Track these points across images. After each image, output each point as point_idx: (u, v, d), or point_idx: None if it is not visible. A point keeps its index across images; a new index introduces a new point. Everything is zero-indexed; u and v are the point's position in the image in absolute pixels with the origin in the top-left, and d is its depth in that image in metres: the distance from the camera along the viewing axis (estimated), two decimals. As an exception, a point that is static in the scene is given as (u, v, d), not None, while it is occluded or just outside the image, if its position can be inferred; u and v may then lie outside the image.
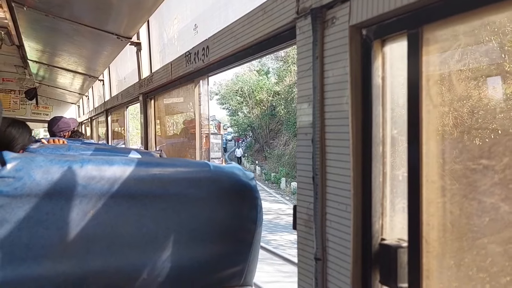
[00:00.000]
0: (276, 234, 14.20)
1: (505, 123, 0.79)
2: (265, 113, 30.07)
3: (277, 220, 16.91)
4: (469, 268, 0.85)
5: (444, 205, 0.89)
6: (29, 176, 1.11)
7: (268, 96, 29.62)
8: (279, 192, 23.61)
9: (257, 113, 30.11)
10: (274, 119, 30.00)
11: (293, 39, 1.36)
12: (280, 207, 19.97)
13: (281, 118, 29.03)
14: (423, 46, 0.91)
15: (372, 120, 1.05)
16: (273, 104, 29.72)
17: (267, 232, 14.04)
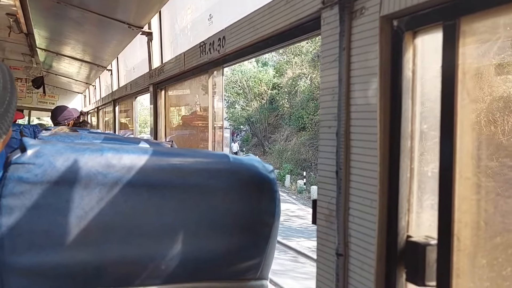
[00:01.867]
0: (291, 240, 13.44)
1: (547, 120, 0.76)
2: (264, 106, 29.28)
3: (288, 223, 16.11)
4: (502, 268, 0.83)
5: (478, 203, 0.87)
6: (49, 163, 1.09)
7: (267, 88, 28.90)
8: (284, 190, 22.61)
9: (256, 106, 29.41)
10: (273, 112, 29.24)
11: (316, 29, 1.34)
12: (288, 207, 19.09)
13: (280, 112, 28.33)
14: (460, 38, 0.88)
15: (401, 114, 1.02)
16: (273, 97, 29.01)
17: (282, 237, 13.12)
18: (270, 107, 29.09)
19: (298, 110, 25.31)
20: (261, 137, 29.86)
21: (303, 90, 25.13)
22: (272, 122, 29.23)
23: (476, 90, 0.87)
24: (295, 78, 26.01)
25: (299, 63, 25.58)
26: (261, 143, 29.84)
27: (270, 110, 29.07)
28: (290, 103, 26.25)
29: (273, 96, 28.97)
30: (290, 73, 26.37)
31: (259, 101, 29.33)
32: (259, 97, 29.34)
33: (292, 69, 26.06)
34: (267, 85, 28.86)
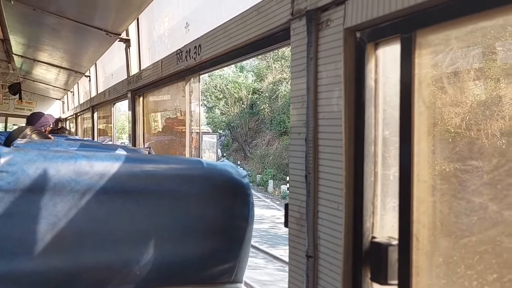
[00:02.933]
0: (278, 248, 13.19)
1: (494, 125, 0.82)
2: (244, 111, 29.06)
3: (275, 230, 15.75)
4: (457, 265, 0.88)
5: (434, 204, 0.92)
6: (22, 171, 1.10)
7: (248, 93, 28.74)
8: (268, 195, 22.27)
9: (236, 111, 29.16)
10: (253, 117, 29.01)
11: (287, 39, 1.38)
12: (273, 213, 18.72)
13: (261, 117, 28.08)
14: (416, 49, 0.94)
15: (365, 120, 1.08)
16: (254, 101, 28.77)
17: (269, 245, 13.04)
18: (250, 112, 28.68)
19: (279, 115, 25.19)
20: (242, 142, 29.46)
21: (284, 94, 25.13)
22: (253, 126, 28.87)
23: (431, 98, 0.92)
24: (276, 82, 25.92)
25: (279, 68, 25.67)
26: (242, 148, 29.47)
27: (251, 115, 28.78)
28: (271, 108, 26.12)
29: (254, 100, 28.71)
30: (271, 77, 26.28)
31: (239, 106, 29.03)
32: (239, 102, 29.03)
33: (273, 74, 26.00)
34: (247, 90, 28.59)
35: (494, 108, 0.82)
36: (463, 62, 0.87)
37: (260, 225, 13.30)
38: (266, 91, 26.74)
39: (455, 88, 0.89)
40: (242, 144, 29.46)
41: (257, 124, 28.78)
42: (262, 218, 14.81)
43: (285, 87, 25.37)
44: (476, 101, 0.86)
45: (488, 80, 0.84)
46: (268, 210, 19.35)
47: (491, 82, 0.84)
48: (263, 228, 12.93)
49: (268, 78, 26.71)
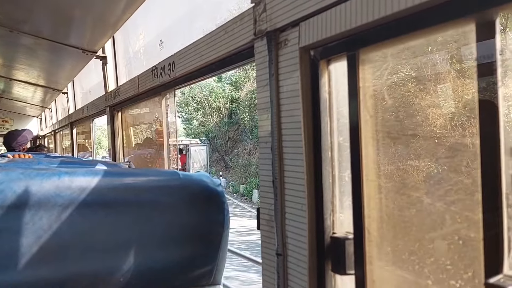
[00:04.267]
0: None
1: (425, 130, 0.96)
2: (223, 120, 28.22)
3: None
4: (402, 253, 1.01)
5: (381, 200, 1.05)
6: (9, 188, 1.19)
7: (226, 103, 27.97)
8: (252, 205, 20.85)
9: (216, 121, 28.31)
10: (232, 127, 28.20)
11: (251, 57, 1.51)
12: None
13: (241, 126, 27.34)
14: (360, 65, 1.08)
15: (321, 129, 1.20)
16: (232, 111, 27.82)
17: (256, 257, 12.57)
18: (229, 122, 27.98)
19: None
20: (222, 152, 28.63)
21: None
22: (232, 136, 28.17)
23: (374, 108, 1.06)
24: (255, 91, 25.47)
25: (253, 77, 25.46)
26: (223, 158, 28.76)
27: (230, 124, 28.08)
28: (251, 116, 25.63)
29: (232, 110, 28.06)
30: (249, 86, 25.95)
31: (218, 115, 28.40)
32: (218, 112, 28.43)
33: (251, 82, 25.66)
34: (225, 99, 27.94)
35: (424, 115, 0.96)
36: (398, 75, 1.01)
37: (249, 237, 12.76)
38: (246, 100, 26.26)
39: (393, 98, 1.03)
40: (222, 154, 28.73)
41: (237, 134, 27.99)
42: (250, 229, 14.11)
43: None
44: (411, 108, 1.00)
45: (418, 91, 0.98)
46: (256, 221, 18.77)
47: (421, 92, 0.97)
48: (252, 240, 12.33)
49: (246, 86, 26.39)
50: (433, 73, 0.94)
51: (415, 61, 0.97)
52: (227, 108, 28.06)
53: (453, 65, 0.89)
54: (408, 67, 0.99)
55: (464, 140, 0.87)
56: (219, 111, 27.96)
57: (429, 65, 0.94)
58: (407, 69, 0.99)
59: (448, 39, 0.89)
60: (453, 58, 0.89)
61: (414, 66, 0.98)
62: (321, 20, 1.13)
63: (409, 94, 1.00)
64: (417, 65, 0.97)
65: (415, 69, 0.97)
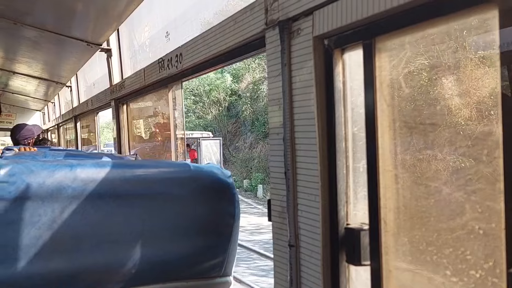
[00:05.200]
0: None
1: (444, 119, 0.94)
2: (222, 113, 27.04)
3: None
4: (419, 243, 1.00)
5: (398, 191, 1.04)
6: (22, 180, 1.18)
7: (226, 95, 26.76)
8: (258, 201, 19.74)
9: (214, 114, 27.03)
10: (232, 119, 26.95)
11: (262, 47, 1.49)
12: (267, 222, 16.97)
13: (241, 119, 25.64)
14: (376, 54, 1.06)
15: (335, 119, 1.19)
16: (232, 103, 26.58)
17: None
18: (229, 114, 26.97)
19: (262, 116, 23.92)
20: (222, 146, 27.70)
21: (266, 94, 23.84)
22: (231, 129, 27.31)
23: (391, 97, 1.04)
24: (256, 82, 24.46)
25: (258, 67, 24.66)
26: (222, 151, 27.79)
27: (230, 117, 26.98)
28: (253, 109, 24.72)
29: (232, 102, 27.19)
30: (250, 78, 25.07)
31: (217, 108, 27.40)
32: (216, 104, 27.46)
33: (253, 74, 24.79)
34: (225, 91, 27.13)
35: (443, 103, 0.95)
36: (416, 64, 0.99)
37: (261, 236, 11.75)
38: (247, 91, 25.40)
39: (410, 87, 1.01)
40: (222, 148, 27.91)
41: (236, 127, 27.08)
42: (260, 227, 12.98)
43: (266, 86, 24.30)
44: (429, 97, 0.98)
45: (437, 79, 0.97)
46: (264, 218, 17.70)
47: (440, 80, 0.96)
48: (264, 239, 11.36)
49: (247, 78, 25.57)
50: (452, 62, 0.92)
51: (434, 49, 0.96)
52: (227, 100, 27.04)
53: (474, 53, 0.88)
54: (426, 56, 0.97)
55: (485, 128, 0.85)
56: (218, 103, 27.00)
57: (448, 53, 0.92)
58: (425, 58, 0.98)
59: (468, 26, 0.88)
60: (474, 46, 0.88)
61: (433, 55, 0.96)
62: (336, 8, 1.12)
63: (428, 83, 0.99)
64: (436, 53, 0.96)
65: (434, 57, 0.96)
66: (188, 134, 16.08)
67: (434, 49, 0.96)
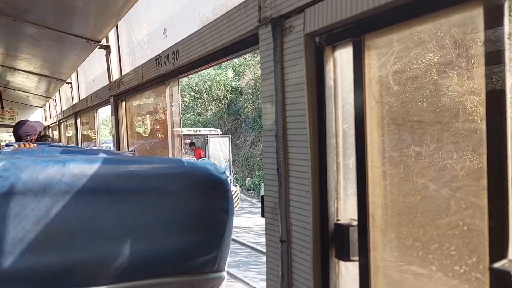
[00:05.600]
0: None
1: (431, 116, 0.95)
2: (222, 110, 26.28)
3: None
4: (406, 239, 1.01)
5: (386, 187, 1.05)
6: (15, 175, 1.20)
7: (226, 92, 25.99)
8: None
9: (214, 111, 26.17)
10: (232, 116, 26.18)
11: (256, 44, 1.50)
12: None
13: (242, 115, 24.92)
14: (365, 51, 1.07)
15: (326, 116, 1.20)
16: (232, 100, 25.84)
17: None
18: (229, 111, 26.22)
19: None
20: None
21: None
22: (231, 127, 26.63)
23: (379, 94, 1.05)
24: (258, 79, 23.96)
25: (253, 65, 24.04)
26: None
27: (230, 114, 26.24)
28: (254, 106, 24.14)
29: (232, 99, 26.82)
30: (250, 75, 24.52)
31: (217, 105, 26.77)
32: (216, 101, 26.80)
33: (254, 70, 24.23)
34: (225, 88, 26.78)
35: (430, 101, 0.95)
36: (404, 61, 1.00)
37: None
38: (249, 88, 24.83)
39: (399, 84, 1.02)
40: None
41: (237, 124, 26.44)
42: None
43: None
44: (417, 95, 0.99)
45: (424, 76, 0.97)
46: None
47: (427, 78, 0.97)
48: None
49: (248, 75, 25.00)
50: (440, 59, 0.93)
51: (422, 47, 0.96)
52: (227, 97, 26.38)
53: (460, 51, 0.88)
54: (414, 53, 0.98)
55: (470, 125, 0.86)
56: (218, 100, 26.35)
57: (435, 51, 0.93)
58: (413, 55, 0.98)
59: (454, 23, 0.88)
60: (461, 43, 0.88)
61: (421, 52, 0.97)
62: (327, 5, 1.12)
63: (415, 80, 0.99)
64: (423, 50, 0.96)
65: (422, 54, 0.97)
66: (194, 131, 15.05)
67: (421, 47, 0.97)
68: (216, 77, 25.75)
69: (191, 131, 14.88)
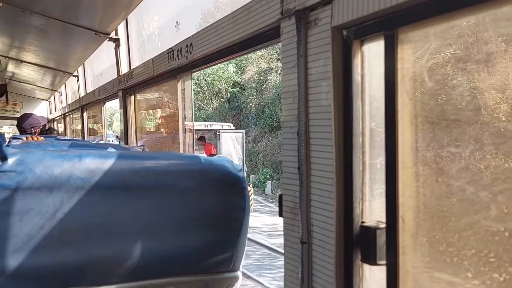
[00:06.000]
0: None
1: (469, 115, 0.90)
2: (224, 105, 25.48)
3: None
4: (439, 244, 0.96)
5: (418, 189, 1.00)
6: (29, 170, 1.15)
7: (228, 86, 25.17)
8: (267, 198, 18.31)
9: (216, 106, 25.39)
10: (234, 111, 25.30)
11: (276, 38, 1.45)
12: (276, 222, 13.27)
13: (245, 110, 24.13)
14: (398, 45, 1.02)
15: (353, 113, 1.15)
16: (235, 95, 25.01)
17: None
18: (230, 106, 25.39)
19: (269, 108, 22.75)
20: None
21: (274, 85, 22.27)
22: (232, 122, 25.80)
23: (413, 90, 1.00)
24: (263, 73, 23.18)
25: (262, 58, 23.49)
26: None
27: (231, 109, 25.37)
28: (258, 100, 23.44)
29: (234, 94, 25.16)
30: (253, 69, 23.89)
31: (218, 100, 26.09)
32: (218, 96, 26.15)
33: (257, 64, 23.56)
34: (227, 82, 25.03)
35: (469, 99, 0.90)
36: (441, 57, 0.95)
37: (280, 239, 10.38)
38: (252, 82, 24.13)
39: (434, 80, 0.97)
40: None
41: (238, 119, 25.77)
42: (277, 228, 11.42)
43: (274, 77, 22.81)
44: (454, 92, 0.94)
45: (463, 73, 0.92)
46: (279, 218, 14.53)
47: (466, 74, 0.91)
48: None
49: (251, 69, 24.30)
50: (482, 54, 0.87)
51: (461, 41, 0.91)
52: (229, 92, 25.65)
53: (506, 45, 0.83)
54: (452, 48, 0.93)
55: (515, 126, 0.81)
56: (219, 95, 25.69)
57: (477, 46, 0.88)
58: (452, 50, 0.93)
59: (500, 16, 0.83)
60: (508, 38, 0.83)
61: (460, 47, 0.91)
62: (357, -3, 1.07)
63: (453, 77, 0.94)
64: (463, 45, 0.91)
65: (461, 49, 0.91)
66: (205, 126, 13.94)
67: (461, 41, 0.92)
68: (218, 71, 25.13)
69: (202, 125, 13.82)
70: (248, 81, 24.55)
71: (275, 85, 21.81)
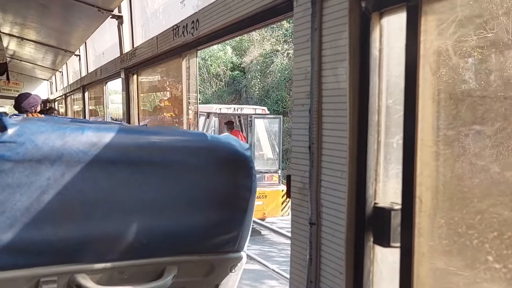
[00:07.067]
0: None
1: (497, 91, 0.85)
2: (222, 89, 23.96)
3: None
4: (458, 226, 0.92)
5: (438, 168, 0.95)
6: (30, 141, 1.11)
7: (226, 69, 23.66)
8: None
9: (215, 89, 24.01)
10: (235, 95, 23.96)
11: (289, 11, 1.39)
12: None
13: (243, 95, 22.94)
14: (422, 17, 0.96)
15: (369, 90, 1.10)
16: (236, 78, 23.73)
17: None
18: (229, 90, 24.01)
19: (275, 92, 21.99)
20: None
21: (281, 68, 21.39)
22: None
23: (436, 65, 0.95)
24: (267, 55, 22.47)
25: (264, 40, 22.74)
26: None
27: (230, 94, 23.99)
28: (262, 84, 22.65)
29: (234, 77, 23.90)
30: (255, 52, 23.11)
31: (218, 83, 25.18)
32: (217, 79, 25.30)
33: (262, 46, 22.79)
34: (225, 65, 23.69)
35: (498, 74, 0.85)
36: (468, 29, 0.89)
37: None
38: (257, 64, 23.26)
39: (460, 54, 0.92)
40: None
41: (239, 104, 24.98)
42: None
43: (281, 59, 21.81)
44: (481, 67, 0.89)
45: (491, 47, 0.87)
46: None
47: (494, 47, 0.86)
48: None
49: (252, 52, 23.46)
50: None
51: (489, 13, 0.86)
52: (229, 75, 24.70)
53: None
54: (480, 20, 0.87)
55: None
56: (218, 78, 24.89)
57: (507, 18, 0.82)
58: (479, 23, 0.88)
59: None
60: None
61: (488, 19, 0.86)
62: (378, -34, 1.01)
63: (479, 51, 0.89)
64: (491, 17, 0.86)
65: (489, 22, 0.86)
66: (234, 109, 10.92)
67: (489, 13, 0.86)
68: (218, 52, 24.33)
69: (231, 108, 11.10)
70: (250, 63, 23.79)
71: (281, 69, 21.00)
